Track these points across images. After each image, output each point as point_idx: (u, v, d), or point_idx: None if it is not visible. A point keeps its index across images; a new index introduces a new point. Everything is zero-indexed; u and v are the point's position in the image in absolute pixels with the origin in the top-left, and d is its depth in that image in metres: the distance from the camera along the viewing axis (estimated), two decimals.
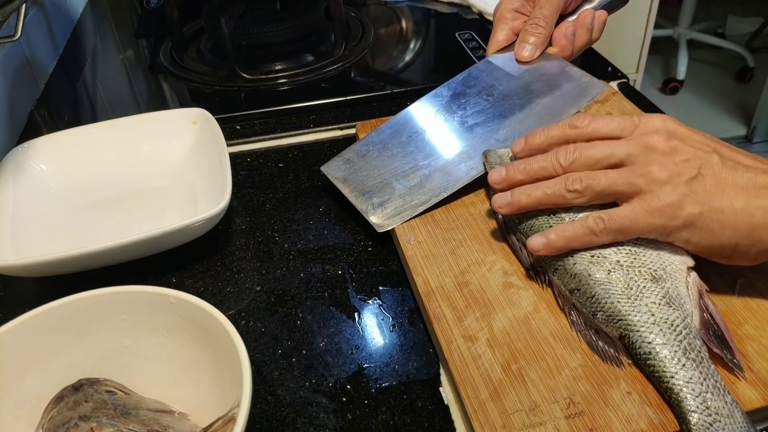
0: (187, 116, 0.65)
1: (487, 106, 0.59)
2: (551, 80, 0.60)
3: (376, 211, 0.55)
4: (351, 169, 0.59)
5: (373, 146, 0.60)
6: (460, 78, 0.63)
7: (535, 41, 0.60)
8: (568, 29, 0.61)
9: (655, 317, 0.41)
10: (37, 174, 0.62)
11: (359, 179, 0.57)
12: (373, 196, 0.56)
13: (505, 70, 0.62)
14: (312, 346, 0.47)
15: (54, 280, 0.51)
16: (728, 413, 0.37)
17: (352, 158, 0.60)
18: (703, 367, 0.39)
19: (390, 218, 0.54)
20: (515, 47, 0.61)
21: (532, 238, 0.45)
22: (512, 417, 0.39)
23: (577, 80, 0.59)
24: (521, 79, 0.60)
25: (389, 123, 0.61)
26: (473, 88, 0.61)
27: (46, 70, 0.85)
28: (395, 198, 0.55)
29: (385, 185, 0.56)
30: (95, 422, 0.37)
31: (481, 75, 0.62)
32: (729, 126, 2.39)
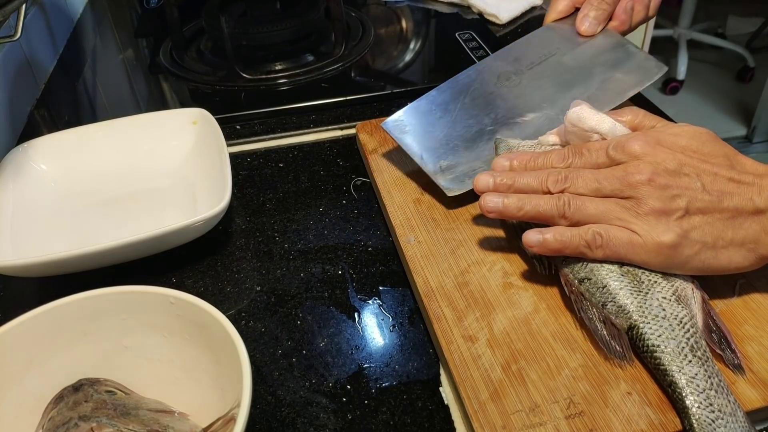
0: (187, 116, 0.65)
1: (551, 75, 0.59)
2: (612, 56, 0.59)
3: (445, 174, 0.54)
4: (415, 128, 0.58)
5: (435, 105, 0.59)
6: (520, 42, 0.62)
7: (598, 16, 0.61)
8: (628, 4, 0.61)
9: (665, 312, 0.41)
10: (37, 174, 0.62)
11: (425, 139, 0.56)
12: (440, 158, 0.55)
13: (566, 39, 0.61)
14: (312, 346, 0.47)
15: (54, 280, 0.51)
16: (731, 412, 0.37)
17: (413, 116, 0.59)
18: (708, 366, 0.39)
19: (459, 183, 0.54)
20: (578, 19, 0.61)
21: (528, 234, 0.45)
22: (512, 417, 0.39)
23: (637, 59, 0.59)
24: (583, 51, 0.60)
25: (450, 82, 0.60)
26: (535, 54, 0.61)
27: (46, 70, 0.85)
28: (462, 162, 0.55)
29: (452, 148, 0.56)
30: (95, 422, 0.37)
31: (541, 42, 0.62)
32: (729, 126, 2.39)
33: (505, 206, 0.46)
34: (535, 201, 0.45)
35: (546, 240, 0.44)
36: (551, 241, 0.44)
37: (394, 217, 0.55)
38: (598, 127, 0.47)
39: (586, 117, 0.47)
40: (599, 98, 0.56)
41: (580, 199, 0.44)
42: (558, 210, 0.44)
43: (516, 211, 0.45)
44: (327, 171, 0.65)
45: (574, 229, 0.44)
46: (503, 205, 0.46)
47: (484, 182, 0.48)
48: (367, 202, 0.60)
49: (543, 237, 0.44)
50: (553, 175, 0.46)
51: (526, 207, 0.45)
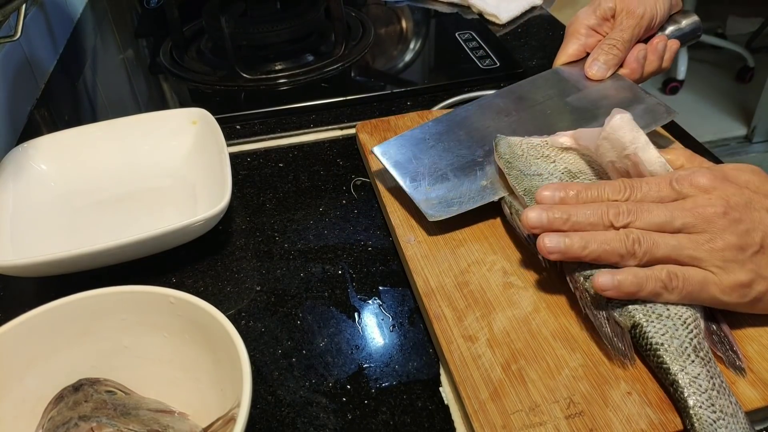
0: (187, 116, 0.65)
1: (552, 112, 0.58)
2: (620, 100, 0.58)
3: (430, 200, 0.53)
4: (405, 155, 0.57)
5: (429, 135, 0.58)
6: (525, 82, 0.62)
7: (608, 61, 0.60)
8: (640, 53, 0.60)
9: (669, 311, 0.41)
10: (37, 174, 0.62)
11: (413, 165, 0.56)
12: (425, 183, 0.54)
13: (573, 82, 0.61)
14: (312, 346, 0.47)
15: (54, 280, 0.51)
16: (732, 412, 0.37)
17: (405, 144, 0.58)
18: (711, 367, 0.39)
19: (443, 209, 0.52)
20: (587, 64, 0.61)
21: (602, 276, 0.41)
22: (512, 417, 0.39)
23: (647, 103, 0.57)
24: (589, 94, 0.59)
25: (448, 116, 0.60)
26: (539, 94, 0.60)
27: (46, 70, 0.85)
28: (450, 189, 0.54)
29: (439, 175, 0.55)
30: (95, 422, 0.37)
31: (547, 83, 0.61)
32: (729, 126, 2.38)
33: (568, 247, 0.41)
34: (601, 238, 0.41)
35: (621, 284, 0.40)
36: (627, 285, 0.40)
37: (394, 217, 0.55)
38: (634, 141, 0.44)
39: (628, 127, 0.45)
40: None
41: (650, 235, 0.41)
42: (627, 249, 0.41)
43: (580, 251, 0.41)
44: (327, 171, 0.65)
45: (649, 271, 0.41)
46: (566, 245, 0.41)
47: (536, 218, 0.43)
48: (367, 202, 0.60)
49: (617, 280, 0.40)
50: (613, 207, 0.42)
51: (591, 246, 0.41)
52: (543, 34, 0.89)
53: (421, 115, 0.67)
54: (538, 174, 0.50)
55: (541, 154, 0.51)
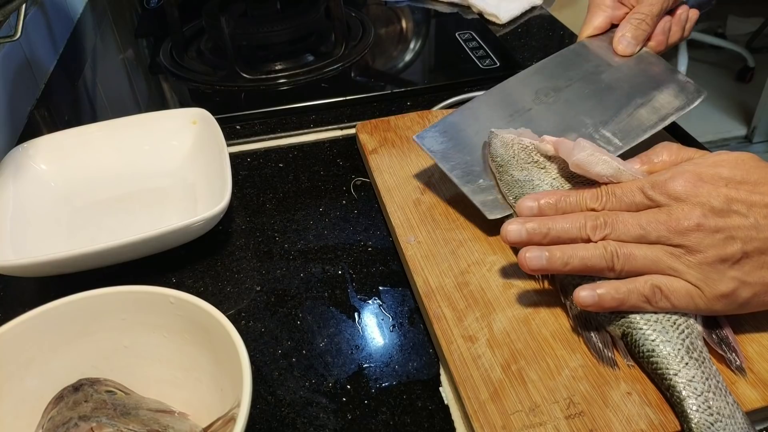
0: (187, 116, 0.65)
1: (590, 94, 0.56)
2: (653, 78, 0.57)
3: (484, 195, 0.51)
4: (449, 144, 0.54)
5: (471, 119, 0.56)
6: (556, 58, 0.60)
7: (637, 36, 0.58)
8: (666, 24, 0.59)
9: (658, 315, 0.41)
10: (37, 174, 0.62)
11: (460, 156, 0.53)
12: (478, 178, 0.52)
13: (603, 57, 0.59)
14: (312, 346, 0.47)
15: (54, 280, 0.51)
16: (730, 414, 0.37)
17: (448, 131, 0.55)
18: (706, 367, 0.39)
19: (499, 207, 0.51)
20: (615, 38, 0.59)
21: (582, 291, 0.41)
22: (512, 417, 0.39)
23: (678, 82, 0.57)
24: (621, 70, 0.58)
25: (484, 97, 0.58)
26: (572, 71, 0.59)
27: (46, 70, 0.85)
28: None
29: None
30: (95, 422, 0.37)
31: (577, 58, 0.60)
32: (729, 126, 2.38)
33: (550, 263, 0.42)
34: (581, 253, 0.41)
35: (602, 298, 0.40)
36: (608, 300, 0.40)
37: (394, 217, 0.55)
38: (602, 173, 0.44)
39: (592, 163, 0.44)
40: (641, 121, 0.54)
41: (627, 247, 0.41)
42: (606, 262, 0.41)
43: (562, 267, 0.41)
44: (327, 171, 0.65)
45: (631, 284, 0.41)
46: (547, 261, 0.42)
47: (515, 233, 0.43)
48: (367, 202, 0.60)
49: (598, 294, 0.41)
50: (591, 220, 0.42)
51: (573, 261, 0.41)
52: (543, 34, 0.89)
53: (421, 115, 0.67)
54: (530, 180, 0.49)
55: (532, 159, 0.50)
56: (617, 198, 0.43)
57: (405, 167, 0.60)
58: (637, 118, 0.54)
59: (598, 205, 0.43)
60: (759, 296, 0.40)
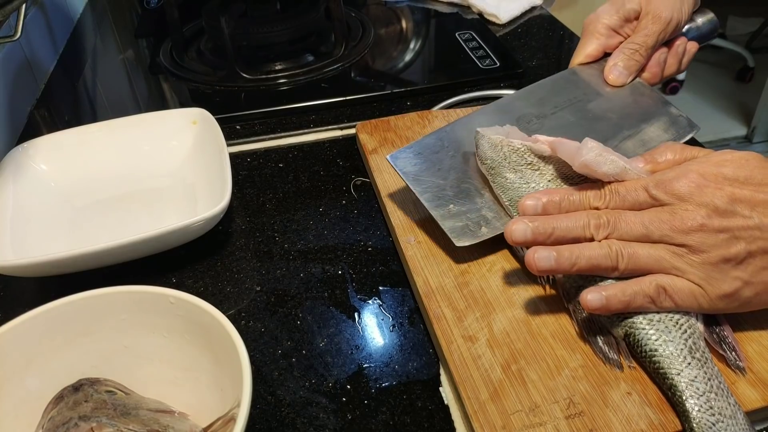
0: (187, 116, 0.65)
1: (575, 123, 0.55)
2: (644, 110, 0.56)
3: (454, 221, 0.50)
4: (423, 166, 0.53)
5: (448, 142, 0.54)
6: (545, 83, 0.59)
7: (630, 67, 0.57)
8: (661, 56, 0.58)
9: (660, 315, 0.41)
10: (37, 174, 0.62)
11: (432, 180, 0.52)
12: (449, 203, 0.51)
13: (593, 86, 0.58)
14: (312, 346, 0.47)
15: (54, 280, 0.51)
16: (731, 414, 0.37)
17: (423, 152, 0.54)
18: (708, 368, 0.39)
19: (469, 234, 0.49)
20: (607, 67, 0.58)
21: (589, 294, 0.41)
22: (512, 417, 0.39)
23: (669, 115, 0.56)
24: (611, 100, 0.57)
25: (464, 120, 0.56)
26: (560, 97, 0.57)
27: (46, 70, 0.85)
28: (474, 210, 0.51)
29: (463, 193, 0.51)
30: (95, 422, 0.37)
31: (566, 85, 0.59)
32: (729, 126, 2.38)
33: (558, 263, 0.41)
34: (588, 253, 0.41)
35: (609, 300, 0.40)
36: (615, 302, 0.40)
37: (394, 217, 0.55)
38: (609, 172, 0.43)
39: (599, 162, 0.43)
40: (627, 153, 0.52)
41: (631, 246, 0.41)
42: (611, 262, 0.41)
43: (569, 267, 0.41)
44: (327, 171, 0.65)
45: (636, 285, 0.41)
46: (555, 261, 0.41)
47: (521, 232, 0.43)
48: (367, 202, 0.60)
49: (606, 296, 0.40)
50: (594, 219, 0.42)
51: (580, 262, 0.41)
52: (543, 34, 0.89)
53: (421, 115, 0.67)
54: (525, 183, 0.49)
55: (525, 160, 0.49)
56: (621, 197, 0.43)
57: None
58: (623, 151, 0.52)
59: (601, 204, 0.43)
60: (761, 295, 0.40)
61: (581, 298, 0.41)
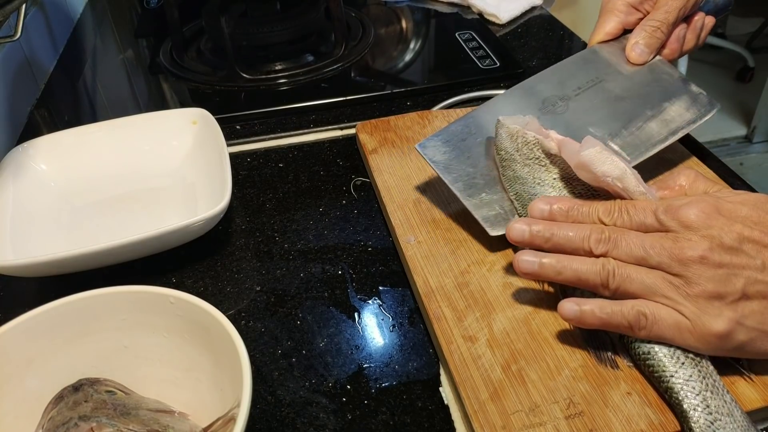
0: (187, 116, 0.65)
1: (600, 104, 0.55)
2: (665, 89, 0.55)
3: (486, 209, 0.50)
4: (452, 154, 0.52)
5: (475, 128, 0.54)
6: (566, 64, 0.58)
7: (651, 45, 0.56)
8: (681, 32, 0.57)
9: None
10: (37, 174, 0.62)
11: (462, 168, 0.52)
12: (481, 191, 0.51)
13: (614, 65, 0.57)
14: (312, 346, 0.47)
15: (54, 280, 0.51)
16: (728, 412, 0.37)
17: (451, 140, 0.53)
18: (702, 367, 0.39)
19: (502, 222, 0.50)
20: (628, 46, 0.57)
21: (565, 304, 0.41)
22: (512, 417, 0.39)
23: (690, 93, 0.55)
24: (632, 79, 0.56)
25: (489, 106, 0.56)
26: (582, 78, 0.57)
27: (46, 70, 0.85)
28: (506, 199, 0.51)
29: (495, 181, 0.51)
30: (95, 422, 0.37)
31: (587, 65, 0.58)
32: (729, 126, 2.38)
33: (542, 268, 0.41)
34: (576, 265, 0.41)
35: (584, 314, 0.40)
36: (590, 318, 0.40)
37: (394, 217, 0.55)
38: (608, 173, 0.43)
39: (599, 162, 0.43)
40: (651, 135, 0.52)
41: (625, 268, 0.40)
42: (601, 279, 0.40)
43: (554, 275, 0.41)
44: (327, 171, 0.65)
45: (616, 306, 0.40)
46: (539, 266, 0.41)
47: (519, 232, 0.43)
48: (367, 202, 0.60)
49: (581, 309, 0.40)
50: (596, 233, 0.41)
51: (565, 272, 0.41)
52: (543, 34, 0.89)
53: (421, 115, 0.67)
54: (532, 178, 0.49)
55: (534, 155, 0.49)
56: (629, 216, 0.42)
57: (405, 167, 0.60)
58: (647, 132, 0.53)
59: (608, 220, 0.43)
60: (755, 342, 0.38)
61: (559, 305, 0.41)
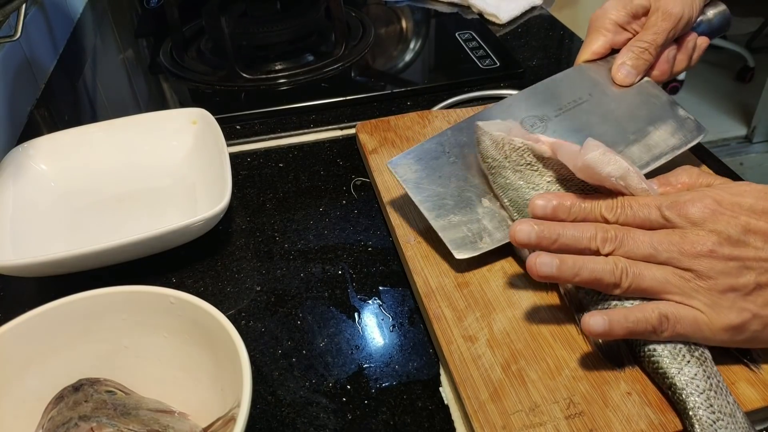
0: (187, 116, 0.65)
1: (580, 127, 0.53)
2: (650, 112, 0.54)
3: (454, 232, 0.49)
4: (423, 173, 0.52)
5: (449, 147, 0.53)
6: (550, 82, 0.57)
7: (638, 66, 0.55)
8: (671, 52, 0.56)
9: None
10: (37, 174, 0.62)
11: (433, 188, 0.51)
12: (449, 212, 0.50)
13: (599, 86, 0.56)
14: (312, 346, 0.47)
15: (54, 280, 0.51)
16: (730, 412, 0.37)
17: (423, 158, 0.53)
18: (707, 366, 0.39)
19: (469, 245, 0.49)
20: (614, 66, 0.56)
21: (592, 318, 0.39)
22: (512, 417, 0.39)
23: (677, 118, 0.54)
24: (617, 101, 0.55)
25: (466, 122, 0.55)
26: (565, 98, 0.56)
27: (46, 70, 0.85)
28: (474, 221, 0.50)
29: (464, 202, 0.51)
30: (95, 422, 0.37)
31: (572, 84, 0.57)
32: (729, 126, 2.38)
33: (560, 271, 0.40)
34: (591, 266, 0.40)
35: (612, 326, 0.39)
36: (618, 329, 0.39)
37: (394, 217, 0.55)
38: (611, 174, 0.42)
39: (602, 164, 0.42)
40: (633, 158, 0.51)
41: (637, 266, 0.40)
42: (615, 279, 0.40)
43: (571, 277, 0.40)
44: (327, 171, 0.65)
45: (639, 313, 0.39)
46: (557, 269, 0.40)
47: (525, 234, 0.42)
48: (367, 202, 0.60)
49: (608, 322, 0.39)
50: (602, 232, 0.41)
51: (582, 273, 0.40)
52: (543, 34, 0.89)
53: (421, 115, 0.67)
54: (526, 183, 0.48)
55: (525, 161, 0.48)
56: (633, 211, 0.42)
57: None
58: (628, 156, 0.51)
59: (611, 216, 0.42)
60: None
61: (583, 320, 0.40)
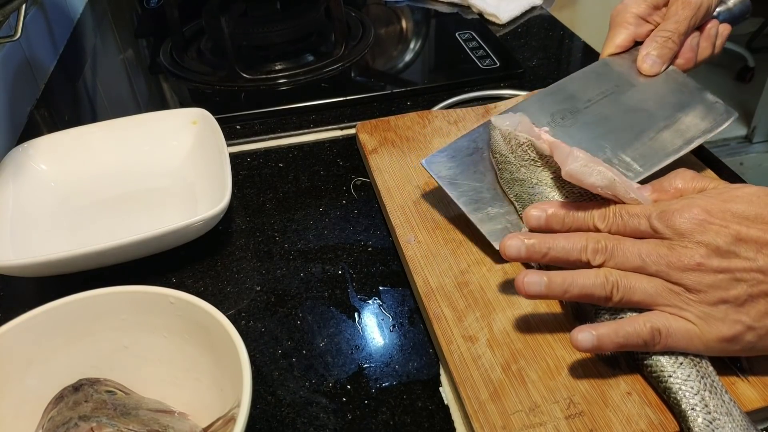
0: (187, 116, 0.65)
1: (610, 116, 0.54)
2: (679, 98, 0.54)
3: (492, 224, 0.50)
4: (458, 169, 0.52)
5: (481, 143, 0.53)
6: (576, 77, 0.57)
7: (663, 55, 0.55)
8: (694, 40, 0.56)
9: None
10: (37, 174, 0.62)
11: (468, 183, 0.51)
12: (487, 205, 0.51)
13: (625, 77, 0.57)
14: (312, 346, 0.47)
15: (54, 280, 0.51)
16: (727, 411, 0.37)
17: (456, 155, 0.53)
18: (701, 366, 0.39)
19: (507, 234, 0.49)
20: (639, 57, 0.56)
21: (578, 333, 0.39)
22: (512, 417, 0.39)
23: (706, 103, 0.54)
24: (644, 91, 0.55)
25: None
26: (592, 92, 0.56)
27: (46, 70, 0.85)
28: (513, 212, 0.50)
29: (501, 195, 0.51)
30: (95, 422, 0.37)
31: (598, 78, 0.57)
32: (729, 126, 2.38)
33: (549, 289, 0.40)
34: (581, 281, 0.40)
35: (601, 341, 0.39)
36: (607, 344, 0.39)
37: (394, 217, 0.55)
38: (596, 183, 0.42)
39: (586, 174, 0.42)
40: (664, 145, 0.51)
41: (627, 279, 0.40)
42: (606, 292, 0.40)
43: (561, 294, 0.40)
44: (327, 171, 0.65)
45: (629, 326, 0.39)
46: (546, 288, 0.40)
47: (515, 250, 0.42)
48: (367, 202, 0.60)
49: (596, 338, 0.39)
50: (593, 243, 0.41)
51: (572, 290, 0.40)
52: (543, 34, 0.89)
53: (421, 115, 0.67)
54: (529, 178, 0.48)
55: (529, 156, 0.49)
56: (623, 221, 0.42)
57: (405, 167, 0.60)
58: (660, 142, 0.52)
59: (603, 226, 0.42)
60: (764, 340, 0.38)
61: (571, 336, 0.40)
